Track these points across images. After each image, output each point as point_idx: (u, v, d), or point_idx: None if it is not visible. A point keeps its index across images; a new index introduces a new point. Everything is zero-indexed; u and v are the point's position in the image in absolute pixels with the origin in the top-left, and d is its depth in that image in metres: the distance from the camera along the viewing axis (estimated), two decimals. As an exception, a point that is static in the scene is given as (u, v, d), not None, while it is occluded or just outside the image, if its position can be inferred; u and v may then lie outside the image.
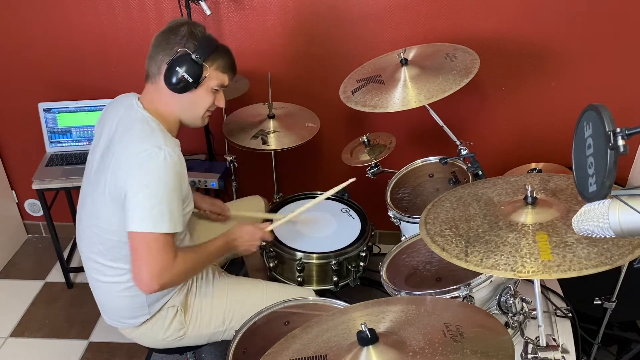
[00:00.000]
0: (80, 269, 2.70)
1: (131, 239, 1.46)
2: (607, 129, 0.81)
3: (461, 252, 1.21)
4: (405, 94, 1.79)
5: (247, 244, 1.72)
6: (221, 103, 1.63)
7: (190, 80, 1.50)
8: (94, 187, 1.56)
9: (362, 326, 1.08)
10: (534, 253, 1.15)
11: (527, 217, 1.25)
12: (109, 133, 1.56)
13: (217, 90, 1.60)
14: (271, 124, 2.17)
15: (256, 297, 1.75)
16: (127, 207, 1.45)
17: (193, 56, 1.49)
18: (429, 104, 1.80)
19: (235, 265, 2.51)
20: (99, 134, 1.62)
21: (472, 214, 1.35)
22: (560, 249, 1.14)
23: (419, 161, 2.12)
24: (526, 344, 1.34)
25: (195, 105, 1.58)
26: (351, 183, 1.83)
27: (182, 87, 1.51)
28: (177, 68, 1.49)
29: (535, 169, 2.13)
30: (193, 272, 1.64)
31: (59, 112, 2.45)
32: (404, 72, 1.86)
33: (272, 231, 1.83)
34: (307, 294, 1.78)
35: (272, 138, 2.11)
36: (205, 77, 1.53)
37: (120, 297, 1.61)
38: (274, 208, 2.12)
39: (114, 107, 1.63)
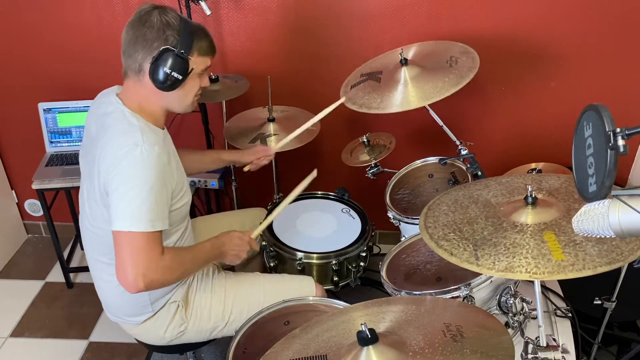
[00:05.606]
0: (80, 269, 2.70)
1: (114, 238, 1.42)
2: (607, 129, 0.81)
3: (471, 256, 1.18)
4: (405, 95, 1.79)
5: (234, 251, 1.68)
6: (205, 83, 1.59)
7: (180, 77, 1.47)
8: (87, 189, 1.56)
9: (362, 326, 1.08)
10: (546, 254, 1.13)
11: (528, 217, 1.25)
12: (91, 133, 1.55)
13: (202, 73, 1.56)
14: (271, 127, 2.17)
15: (255, 290, 1.75)
16: (110, 205, 1.43)
17: (177, 51, 1.44)
18: (429, 104, 1.80)
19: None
20: (87, 134, 1.61)
21: (472, 216, 1.33)
22: (571, 248, 1.13)
23: (418, 161, 2.12)
24: (526, 344, 1.34)
25: (185, 96, 1.55)
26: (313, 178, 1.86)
27: (170, 85, 1.48)
28: (163, 67, 1.44)
29: (535, 169, 2.13)
30: (182, 272, 1.56)
31: (59, 112, 2.45)
32: (404, 72, 1.86)
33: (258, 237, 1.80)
34: (306, 286, 1.79)
35: (271, 141, 2.11)
36: (193, 68, 1.49)
37: (124, 295, 1.59)
38: (274, 208, 2.12)
39: (96, 105, 1.60)
